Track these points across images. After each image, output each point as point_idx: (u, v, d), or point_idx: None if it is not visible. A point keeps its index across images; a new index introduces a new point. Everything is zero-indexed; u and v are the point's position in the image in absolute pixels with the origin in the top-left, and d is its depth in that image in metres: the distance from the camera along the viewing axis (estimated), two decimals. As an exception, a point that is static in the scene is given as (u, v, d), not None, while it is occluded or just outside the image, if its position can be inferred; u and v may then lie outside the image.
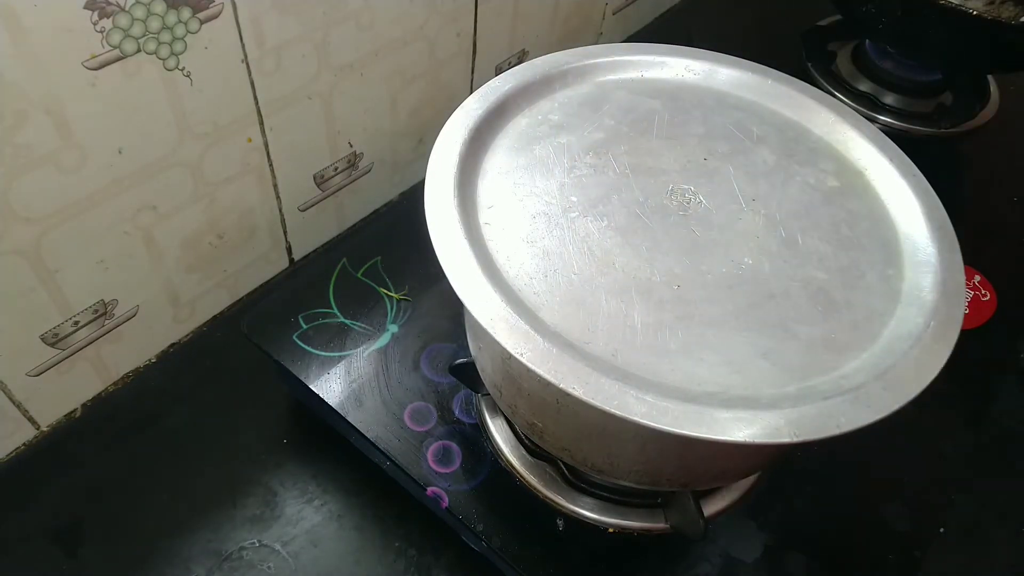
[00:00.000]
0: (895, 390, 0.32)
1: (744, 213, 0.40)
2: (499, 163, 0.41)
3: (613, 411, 0.31)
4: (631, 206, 0.40)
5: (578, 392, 0.31)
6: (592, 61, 0.47)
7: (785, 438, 0.30)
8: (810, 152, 0.44)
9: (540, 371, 0.31)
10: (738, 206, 0.40)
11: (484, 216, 0.38)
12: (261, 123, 0.55)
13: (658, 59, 0.48)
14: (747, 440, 0.30)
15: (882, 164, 0.43)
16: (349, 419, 0.50)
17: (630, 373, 0.33)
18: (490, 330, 0.33)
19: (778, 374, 0.34)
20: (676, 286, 0.36)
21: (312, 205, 0.65)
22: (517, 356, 0.32)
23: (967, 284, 0.45)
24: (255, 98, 0.53)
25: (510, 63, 0.75)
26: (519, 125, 0.43)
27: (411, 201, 0.69)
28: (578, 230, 0.38)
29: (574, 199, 0.39)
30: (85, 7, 0.41)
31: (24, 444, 0.54)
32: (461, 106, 0.42)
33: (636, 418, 0.30)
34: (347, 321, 0.55)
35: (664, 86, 0.47)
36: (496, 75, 0.50)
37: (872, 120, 0.77)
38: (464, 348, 0.50)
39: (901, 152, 0.44)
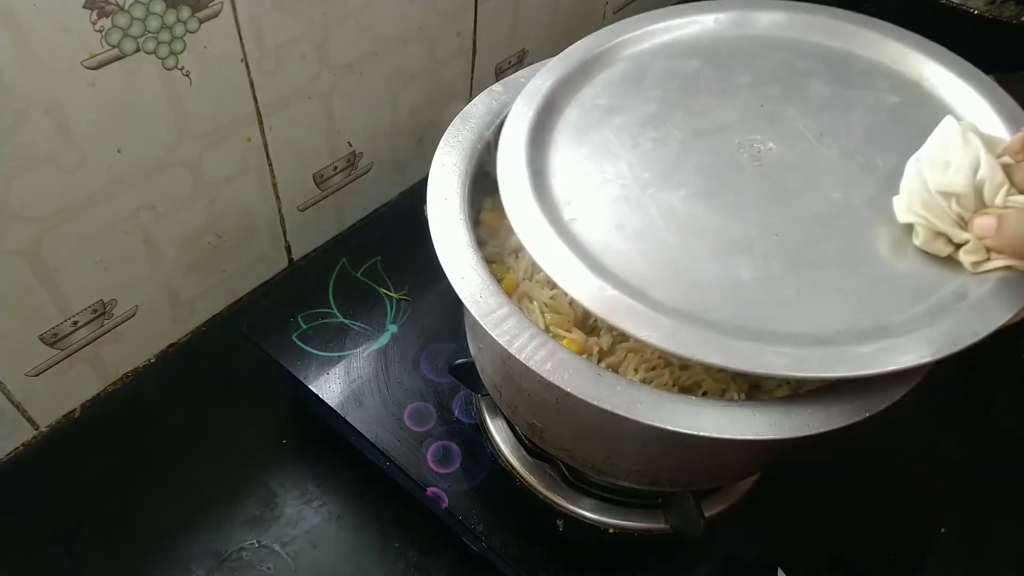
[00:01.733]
0: (1016, 289, 0.33)
1: (816, 149, 0.40)
2: (563, 158, 0.40)
3: (757, 370, 0.31)
4: (704, 169, 0.39)
5: (716, 360, 0.31)
6: (621, 38, 0.46)
7: (927, 357, 0.31)
8: (862, 75, 0.44)
9: (671, 347, 0.32)
10: (808, 144, 0.40)
11: (567, 212, 0.38)
12: (260, 123, 0.55)
13: (684, 19, 0.47)
14: (903, 366, 0.31)
15: (936, 70, 0.43)
16: (349, 419, 0.50)
17: (757, 330, 0.33)
18: (610, 320, 0.33)
19: (901, 297, 0.34)
20: (774, 235, 0.36)
21: (312, 205, 0.65)
22: (647, 339, 0.32)
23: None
24: (254, 98, 0.53)
25: (510, 63, 0.75)
26: (570, 117, 0.43)
27: (411, 201, 0.69)
28: (661, 204, 0.38)
29: (647, 176, 0.39)
30: (84, 7, 0.41)
31: (23, 444, 0.54)
32: (511, 113, 0.42)
33: (781, 371, 0.31)
34: (347, 321, 0.55)
35: (698, 44, 0.46)
36: (496, 75, 0.50)
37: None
38: (464, 348, 0.50)
39: (952, 53, 0.44)
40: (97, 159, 0.46)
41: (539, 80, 0.44)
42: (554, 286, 0.44)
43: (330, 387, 0.51)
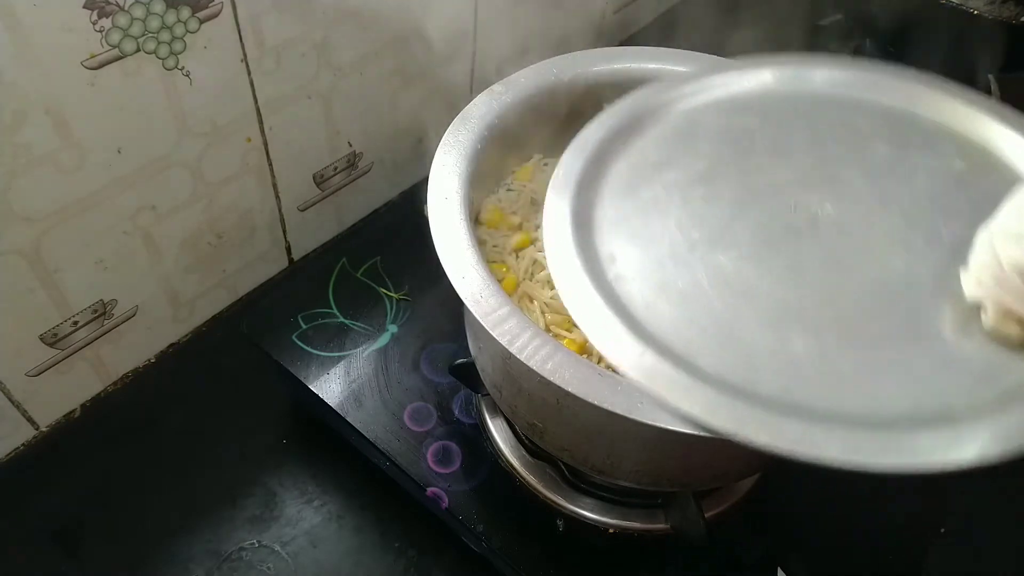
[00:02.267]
0: None
1: (877, 214, 0.38)
2: (609, 214, 0.38)
3: (806, 454, 0.29)
4: (757, 230, 0.37)
5: (763, 440, 0.29)
6: (674, 92, 0.44)
7: (993, 453, 0.29)
8: (926, 137, 0.42)
9: (714, 422, 0.30)
10: (868, 208, 0.38)
11: (611, 271, 0.35)
12: (260, 123, 0.55)
13: (737, 74, 0.45)
14: (966, 464, 0.28)
15: (1006, 134, 0.40)
16: (349, 419, 0.50)
17: (809, 408, 0.30)
18: (650, 388, 0.31)
19: (966, 382, 0.31)
20: (830, 305, 0.34)
21: (312, 205, 0.65)
22: (690, 413, 0.30)
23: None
24: (254, 98, 0.53)
25: (510, 62, 0.75)
26: (619, 171, 0.40)
27: (411, 201, 0.69)
28: (710, 266, 0.35)
29: (696, 235, 0.37)
30: (85, 7, 0.41)
31: (23, 444, 0.54)
32: (560, 164, 0.40)
33: (833, 457, 0.28)
34: (347, 321, 0.55)
35: (752, 100, 0.44)
36: (496, 75, 0.50)
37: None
38: (464, 348, 0.50)
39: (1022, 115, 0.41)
40: (97, 159, 0.46)
41: (590, 131, 0.42)
42: (554, 285, 0.44)
43: (330, 387, 0.51)
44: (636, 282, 0.35)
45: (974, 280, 0.33)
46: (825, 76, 0.45)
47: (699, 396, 0.30)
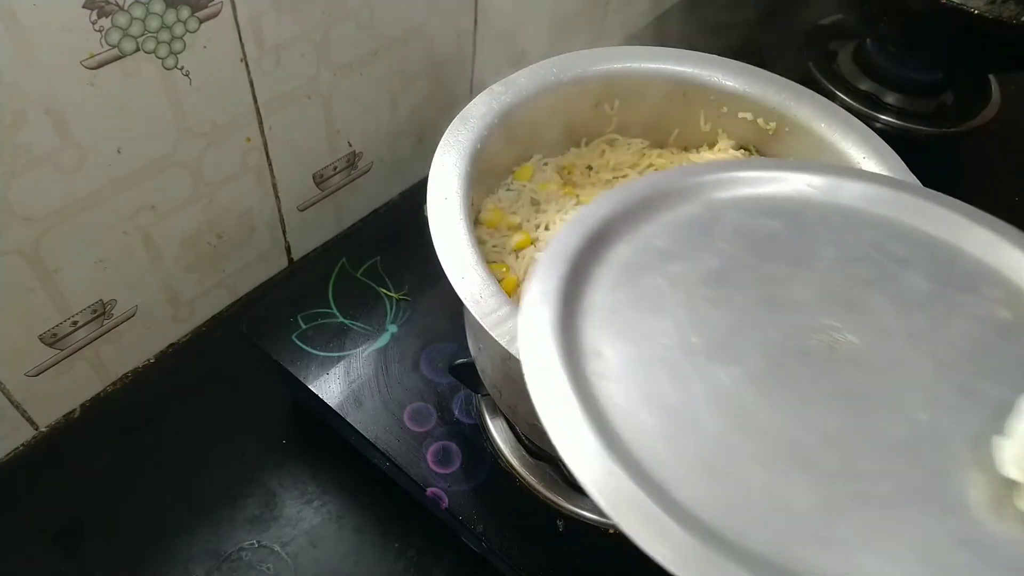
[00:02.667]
0: None
1: (906, 354, 0.33)
2: (602, 300, 0.34)
3: None
4: (767, 348, 0.32)
5: None
6: (696, 179, 0.40)
7: None
8: (969, 276, 0.37)
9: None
10: (896, 345, 0.33)
11: (591, 365, 0.31)
12: (260, 123, 0.55)
13: (772, 174, 0.41)
14: None
15: None
16: (349, 420, 0.50)
17: (799, 573, 0.26)
18: (615, 517, 0.27)
19: (990, 569, 0.27)
20: (841, 451, 0.29)
21: (311, 205, 0.65)
22: (655, 556, 0.26)
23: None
24: (254, 97, 0.53)
25: (509, 62, 0.75)
26: (620, 254, 0.36)
27: (411, 201, 0.69)
28: (707, 380, 0.31)
29: (696, 341, 0.32)
30: (84, 6, 0.40)
31: (23, 444, 0.54)
32: (556, 238, 0.36)
33: None
34: (346, 321, 0.55)
35: (782, 203, 0.40)
36: (496, 75, 0.49)
37: (873, 120, 0.77)
38: (464, 348, 0.50)
39: None
40: (97, 159, 0.46)
41: (594, 207, 0.38)
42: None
43: (330, 387, 0.51)
44: (619, 384, 0.31)
45: (1013, 455, 0.29)
46: (864, 190, 0.40)
47: (671, 538, 0.26)
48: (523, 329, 0.32)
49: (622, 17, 0.88)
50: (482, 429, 0.51)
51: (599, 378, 0.31)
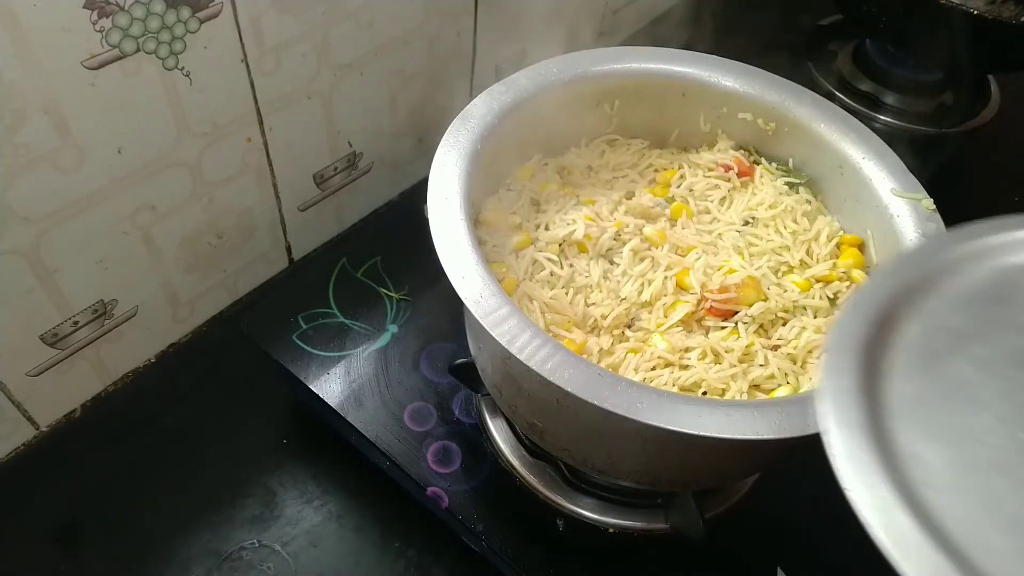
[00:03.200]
0: None
1: None
2: (903, 393, 0.30)
3: None
4: None
5: None
6: (978, 244, 0.35)
7: None
8: None
9: None
10: None
11: (917, 472, 0.27)
12: (260, 123, 0.55)
13: None
14: None
15: None
16: (349, 419, 0.50)
17: None
18: None
19: None
20: None
21: (312, 205, 0.65)
22: None
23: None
24: (254, 98, 0.53)
25: (510, 62, 0.75)
26: (911, 336, 0.32)
27: (411, 201, 0.69)
28: None
29: None
30: (84, 7, 0.40)
31: (23, 444, 0.54)
32: (836, 325, 0.32)
33: None
34: (347, 321, 0.55)
35: None
36: (496, 75, 0.49)
37: (872, 120, 0.77)
38: (464, 348, 0.50)
39: None
40: (97, 159, 0.46)
41: (872, 285, 0.34)
42: (554, 285, 0.44)
43: (330, 387, 0.51)
44: (951, 494, 0.26)
45: None
46: None
47: None
48: (832, 433, 0.28)
49: (622, 17, 0.88)
50: (482, 429, 0.51)
51: (927, 488, 0.27)
